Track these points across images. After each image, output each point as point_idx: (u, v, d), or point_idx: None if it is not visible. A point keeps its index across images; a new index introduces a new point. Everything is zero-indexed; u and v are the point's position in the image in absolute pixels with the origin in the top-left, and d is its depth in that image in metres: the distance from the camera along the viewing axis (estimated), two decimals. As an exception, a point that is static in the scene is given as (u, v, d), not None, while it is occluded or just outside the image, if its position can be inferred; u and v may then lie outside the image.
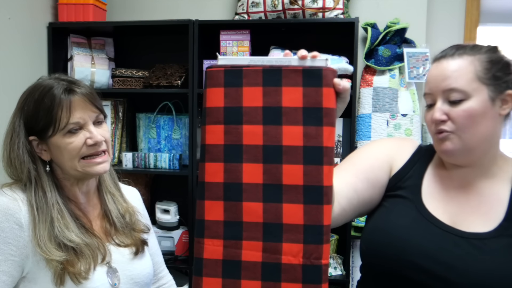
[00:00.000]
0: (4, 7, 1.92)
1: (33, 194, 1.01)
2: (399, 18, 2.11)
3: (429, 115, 1.00)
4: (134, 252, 1.12)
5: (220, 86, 0.81)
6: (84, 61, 2.21)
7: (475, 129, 0.95)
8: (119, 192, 1.19)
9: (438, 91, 0.97)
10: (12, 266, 0.96)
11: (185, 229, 2.21)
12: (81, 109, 1.02)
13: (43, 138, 1.03)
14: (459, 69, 0.96)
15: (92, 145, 1.03)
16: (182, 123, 2.24)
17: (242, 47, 2.08)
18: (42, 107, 1.01)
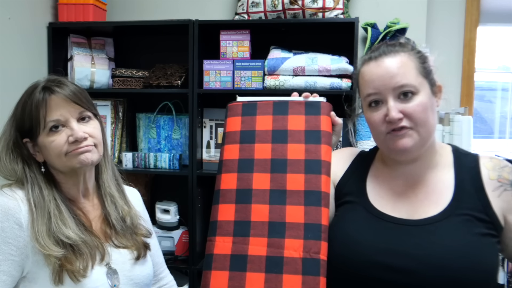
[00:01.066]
0: (4, 7, 1.92)
1: (30, 190, 1.02)
2: (399, 18, 2.11)
3: (378, 115, 0.98)
4: (135, 257, 1.11)
5: (238, 115, 0.99)
6: (84, 61, 2.21)
7: (428, 122, 0.97)
8: (121, 194, 1.18)
9: (387, 89, 0.96)
10: (12, 266, 0.96)
11: (185, 229, 2.21)
12: (60, 107, 1.03)
13: (33, 139, 1.05)
14: (403, 65, 0.97)
15: (73, 142, 1.03)
16: (182, 123, 2.24)
17: (242, 47, 2.08)
18: (26, 109, 1.04)
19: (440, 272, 0.90)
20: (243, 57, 2.07)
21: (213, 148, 2.15)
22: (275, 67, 2.01)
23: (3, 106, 1.90)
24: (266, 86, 2.02)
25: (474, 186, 0.98)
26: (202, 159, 2.16)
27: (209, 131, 2.16)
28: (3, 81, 1.91)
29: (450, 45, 2.28)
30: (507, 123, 2.81)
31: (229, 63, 2.06)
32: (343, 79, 2.00)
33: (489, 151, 2.41)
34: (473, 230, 0.94)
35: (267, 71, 2.03)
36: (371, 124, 1.01)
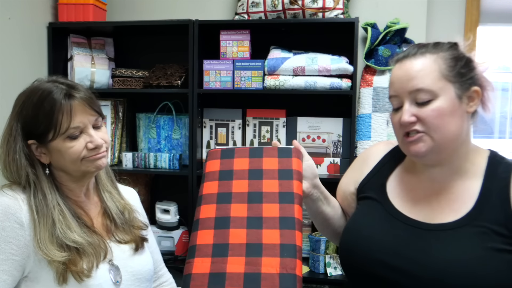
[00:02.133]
0: (4, 7, 1.92)
1: (33, 197, 1.01)
2: (399, 18, 2.11)
3: (396, 117, 0.98)
4: (134, 248, 1.13)
5: (217, 158, 1.08)
6: (84, 61, 2.21)
7: (445, 128, 0.93)
8: (116, 190, 1.20)
9: (404, 92, 0.95)
10: (13, 266, 0.96)
11: (185, 229, 2.21)
12: (80, 113, 1.03)
13: (42, 142, 1.03)
14: (424, 68, 0.94)
15: (92, 148, 1.04)
16: (182, 123, 2.25)
17: (242, 47, 2.08)
18: (41, 111, 1.01)
19: (440, 281, 0.89)
20: (243, 57, 2.07)
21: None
22: (275, 67, 2.01)
23: (3, 106, 1.90)
24: (266, 86, 2.02)
25: (500, 197, 0.93)
26: (202, 159, 2.16)
27: (209, 131, 2.16)
28: (3, 81, 1.91)
29: (450, 45, 2.27)
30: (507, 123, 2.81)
31: (229, 63, 2.06)
32: (343, 79, 2.00)
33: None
34: (486, 243, 0.89)
35: (267, 71, 2.03)
36: (393, 126, 1.01)
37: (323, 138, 2.08)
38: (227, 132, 2.14)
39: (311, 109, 2.17)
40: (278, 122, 2.10)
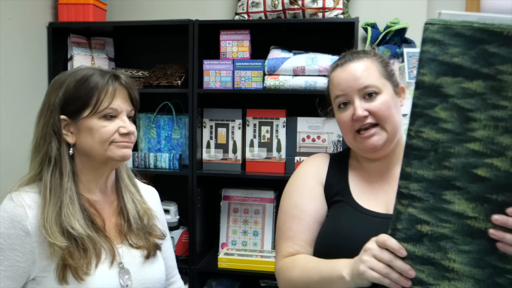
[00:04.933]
0: (4, 7, 1.92)
1: (50, 174, 1.01)
2: (399, 18, 2.11)
3: (346, 115, 1.07)
4: (145, 256, 1.10)
5: None
6: (84, 61, 2.21)
7: (393, 119, 1.05)
8: (137, 191, 1.18)
9: (353, 91, 1.05)
10: (17, 272, 0.97)
11: (185, 229, 2.21)
12: (121, 98, 1.05)
13: (75, 118, 1.03)
14: (366, 69, 1.06)
15: (124, 133, 1.04)
16: (182, 123, 2.25)
17: (242, 47, 2.08)
18: (84, 87, 1.02)
19: None
20: (243, 57, 2.07)
21: (213, 148, 2.15)
22: (275, 67, 2.01)
23: (3, 106, 1.90)
24: (266, 86, 2.02)
25: None
26: (202, 159, 2.16)
27: (209, 131, 2.16)
28: (3, 81, 1.91)
29: (450, 45, 2.27)
30: (507, 123, 2.81)
31: (229, 63, 2.06)
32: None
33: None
34: None
35: (267, 71, 2.02)
36: (341, 124, 1.10)
37: (323, 138, 2.08)
38: (227, 132, 2.15)
39: (311, 109, 2.17)
40: (278, 122, 2.10)
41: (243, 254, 2.06)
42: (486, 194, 0.75)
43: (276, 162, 2.09)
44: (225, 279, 2.24)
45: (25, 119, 2.04)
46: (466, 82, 0.74)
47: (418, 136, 0.78)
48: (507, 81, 0.72)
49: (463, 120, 0.75)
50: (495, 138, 0.73)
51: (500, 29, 0.72)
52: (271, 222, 2.17)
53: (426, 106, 0.77)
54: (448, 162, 0.76)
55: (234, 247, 2.18)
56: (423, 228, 0.79)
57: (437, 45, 0.75)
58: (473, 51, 0.73)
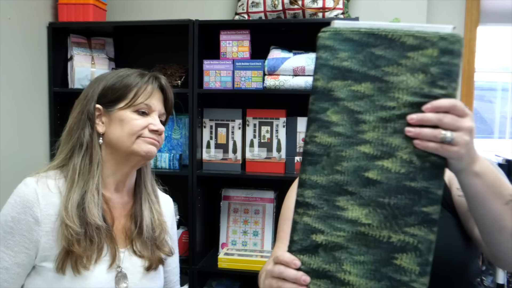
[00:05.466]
0: (4, 7, 1.92)
1: (81, 159, 1.03)
2: (399, 18, 2.11)
3: None
4: (146, 267, 1.08)
5: None
6: (84, 61, 2.21)
7: None
8: (157, 199, 1.18)
9: None
10: (26, 259, 0.98)
11: (185, 229, 2.21)
12: (156, 99, 1.08)
13: (109, 108, 1.05)
14: None
15: (154, 130, 1.06)
16: (182, 123, 2.25)
17: (242, 47, 2.08)
18: (124, 81, 1.06)
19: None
20: (243, 57, 2.07)
21: (213, 148, 2.15)
22: (275, 67, 2.01)
23: (3, 106, 1.90)
24: (266, 86, 2.02)
25: None
26: (202, 159, 2.16)
27: (209, 131, 2.16)
28: (3, 81, 1.91)
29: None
30: (507, 123, 2.82)
31: (229, 63, 2.06)
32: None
33: (489, 151, 2.41)
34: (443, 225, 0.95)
35: (267, 71, 2.03)
36: None
37: (323, 138, 2.08)
38: (227, 132, 2.15)
39: (311, 109, 2.17)
40: (278, 122, 2.10)
41: (243, 254, 2.06)
42: (379, 198, 0.74)
43: (276, 162, 2.09)
44: (225, 279, 2.24)
45: (25, 119, 2.04)
46: (355, 84, 0.76)
47: (312, 141, 0.77)
48: (393, 82, 0.74)
49: (353, 122, 0.75)
50: (384, 139, 0.73)
51: (385, 32, 0.74)
52: (271, 222, 2.17)
53: (319, 110, 0.77)
54: (340, 166, 0.75)
55: (234, 247, 2.18)
56: (317, 238, 0.76)
57: (328, 51, 0.77)
58: (361, 54, 0.75)
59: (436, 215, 0.72)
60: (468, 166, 0.74)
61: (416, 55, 0.72)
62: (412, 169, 0.73)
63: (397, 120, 0.73)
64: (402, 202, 0.73)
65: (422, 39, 0.72)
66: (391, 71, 0.73)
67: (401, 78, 0.73)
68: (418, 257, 0.72)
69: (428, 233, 0.72)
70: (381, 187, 0.74)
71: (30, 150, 2.09)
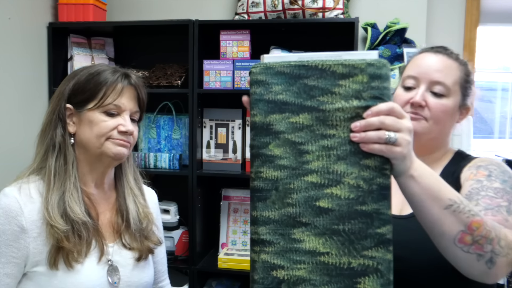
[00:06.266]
0: (4, 7, 1.92)
1: (55, 160, 1.03)
2: (399, 18, 2.11)
3: (405, 95, 1.06)
4: (137, 258, 1.10)
5: None
6: (84, 61, 2.21)
7: (442, 124, 1.04)
8: (140, 192, 1.18)
9: (426, 78, 1.04)
10: (15, 269, 0.97)
11: (185, 229, 2.21)
12: (127, 98, 1.06)
13: (79, 108, 1.05)
14: (452, 68, 1.05)
15: (122, 131, 1.04)
16: (182, 123, 2.25)
17: (242, 47, 2.08)
18: (94, 80, 1.04)
19: (424, 256, 0.96)
20: (243, 57, 2.07)
21: (213, 148, 2.15)
22: (275, 67, 2.00)
23: (3, 106, 1.90)
24: (266, 86, 2.02)
25: (455, 176, 1.03)
26: (202, 159, 2.16)
27: (209, 131, 2.16)
28: (3, 81, 1.91)
29: (450, 45, 2.24)
30: (507, 123, 2.82)
31: (229, 63, 2.06)
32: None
33: (489, 151, 2.41)
34: None
35: (267, 71, 2.02)
36: (395, 102, 1.06)
37: (323, 138, 2.08)
38: (227, 132, 2.15)
39: (311, 109, 2.17)
40: (278, 122, 2.10)
41: (243, 254, 2.06)
42: (333, 226, 0.74)
43: (276, 162, 2.09)
44: (225, 279, 2.24)
45: (25, 118, 2.04)
46: (293, 116, 0.77)
47: (258, 177, 0.77)
48: (329, 110, 0.75)
49: (297, 154, 0.76)
50: (329, 167, 0.75)
51: (315, 63, 0.76)
52: (271, 222, 2.16)
53: (261, 145, 0.77)
54: (290, 198, 0.75)
55: (234, 247, 2.18)
56: (278, 273, 0.75)
57: (262, 86, 0.78)
58: (294, 86, 0.77)
59: (390, 235, 0.74)
60: (407, 169, 0.76)
61: (348, 83, 0.75)
62: (361, 193, 0.74)
63: (339, 147, 0.75)
64: (356, 227, 0.74)
65: (351, 67, 0.75)
66: (326, 100, 0.75)
67: (337, 105, 0.75)
68: (380, 278, 0.73)
69: (386, 253, 0.74)
70: (333, 214, 0.75)
71: (30, 150, 2.08)
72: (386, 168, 0.75)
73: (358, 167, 0.74)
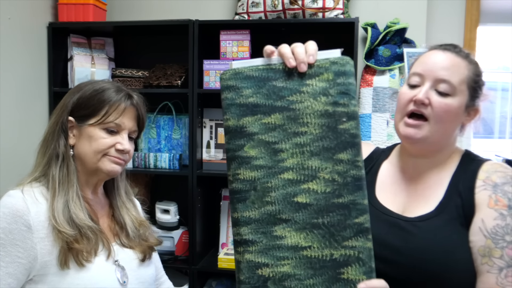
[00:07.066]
0: (4, 7, 1.92)
1: (58, 169, 1.06)
2: (399, 18, 2.11)
3: (409, 93, 1.03)
4: (141, 259, 1.14)
5: None
6: (84, 61, 2.21)
7: (445, 124, 1.01)
8: (132, 204, 1.22)
9: (431, 75, 1.01)
10: (18, 269, 0.97)
11: (185, 229, 2.21)
12: (128, 117, 1.10)
13: (80, 122, 1.08)
14: (459, 67, 1.02)
15: (119, 150, 1.08)
16: (182, 123, 2.25)
17: (242, 47, 2.08)
18: (98, 97, 1.08)
19: (422, 265, 0.94)
20: (243, 57, 2.07)
21: (213, 148, 2.15)
22: (275, 67, 2.01)
23: (3, 105, 1.90)
24: (266, 86, 2.02)
25: (466, 186, 1.00)
26: (202, 159, 2.16)
27: (209, 131, 2.16)
28: (3, 81, 1.91)
29: (450, 45, 2.28)
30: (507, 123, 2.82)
31: (229, 63, 2.06)
32: (343, 79, 1.99)
33: (489, 151, 2.41)
34: (452, 234, 0.96)
35: (267, 71, 2.02)
36: (399, 99, 1.06)
37: (323, 138, 2.08)
38: (227, 132, 2.15)
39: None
40: (278, 122, 2.10)
41: (243, 254, 2.06)
42: (312, 220, 0.77)
43: (276, 162, 2.09)
44: (225, 279, 2.24)
45: (25, 119, 2.04)
46: (265, 117, 0.80)
47: (236, 179, 0.80)
48: (299, 109, 0.79)
49: (272, 153, 0.79)
50: (304, 163, 0.78)
51: (281, 66, 0.80)
52: (271, 222, 2.16)
53: (236, 148, 0.80)
54: (269, 197, 0.78)
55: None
56: (264, 271, 0.78)
57: (232, 91, 0.81)
58: (264, 89, 0.80)
59: (368, 224, 0.77)
60: None
61: (314, 82, 0.79)
62: (337, 187, 0.77)
63: (311, 143, 0.78)
64: (335, 219, 0.77)
65: (316, 67, 0.79)
66: (295, 99, 0.79)
67: (306, 104, 0.78)
68: (362, 266, 0.76)
69: (365, 242, 0.77)
70: (312, 208, 0.77)
71: (30, 150, 2.08)
72: (358, 160, 0.78)
73: (332, 161, 0.77)
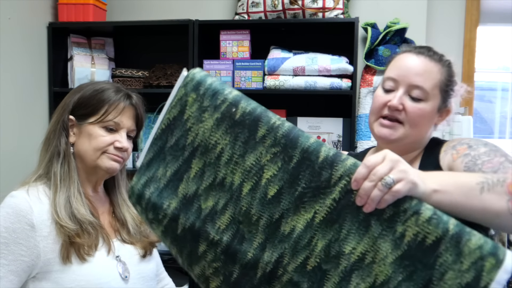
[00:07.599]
0: (4, 7, 1.92)
1: (60, 166, 1.08)
2: (399, 18, 2.11)
3: (384, 97, 1.04)
4: (142, 255, 1.15)
5: None
6: (84, 61, 2.21)
7: (419, 127, 1.03)
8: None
9: (405, 81, 1.02)
10: (20, 266, 0.99)
11: (185, 229, 2.20)
12: (127, 116, 1.13)
13: (81, 121, 1.11)
14: (432, 72, 1.03)
15: (118, 148, 1.10)
16: (182, 123, 2.24)
17: (242, 47, 2.08)
18: (98, 97, 1.11)
19: None
20: (243, 57, 2.07)
21: (213, 148, 2.15)
22: (275, 67, 2.01)
23: (3, 106, 1.90)
24: (266, 86, 2.02)
25: (433, 166, 1.01)
26: (202, 159, 2.16)
27: (209, 131, 2.16)
28: (3, 81, 1.91)
29: (450, 45, 2.28)
30: (507, 123, 2.82)
31: (229, 63, 2.06)
32: (343, 79, 2.00)
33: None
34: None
35: (267, 71, 2.03)
36: (374, 102, 1.08)
37: (323, 138, 2.08)
38: (227, 132, 2.15)
39: (311, 109, 2.17)
40: (278, 122, 2.10)
41: (243, 254, 2.06)
42: (295, 194, 0.76)
43: (276, 162, 2.09)
44: (225, 279, 2.23)
45: (25, 118, 2.04)
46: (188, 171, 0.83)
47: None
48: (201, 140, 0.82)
49: (221, 191, 0.80)
50: (244, 166, 0.79)
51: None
52: (271, 222, 2.16)
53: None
54: (255, 222, 0.78)
55: (234, 247, 2.18)
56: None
57: None
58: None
59: (333, 150, 0.76)
60: (425, 188, 0.74)
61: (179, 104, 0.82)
62: (282, 155, 0.77)
63: (231, 150, 0.79)
64: (307, 173, 0.76)
65: (177, 99, 0.82)
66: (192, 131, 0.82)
67: (202, 128, 0.81)
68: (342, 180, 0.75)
69: (344, 163, 0.75)
70: (285, 190, 0.77)
71: (30, 150, 2.08)
72: (275, 122, 0.78)
73: (261, 147, 0.78)
